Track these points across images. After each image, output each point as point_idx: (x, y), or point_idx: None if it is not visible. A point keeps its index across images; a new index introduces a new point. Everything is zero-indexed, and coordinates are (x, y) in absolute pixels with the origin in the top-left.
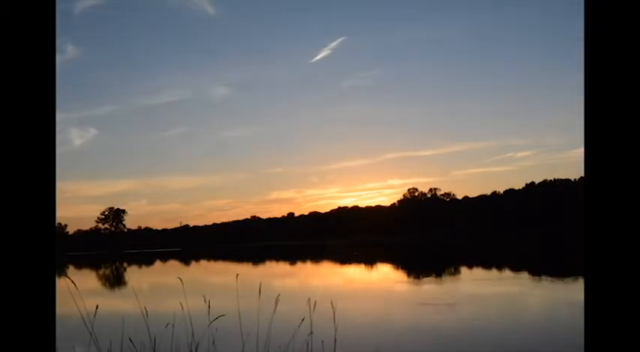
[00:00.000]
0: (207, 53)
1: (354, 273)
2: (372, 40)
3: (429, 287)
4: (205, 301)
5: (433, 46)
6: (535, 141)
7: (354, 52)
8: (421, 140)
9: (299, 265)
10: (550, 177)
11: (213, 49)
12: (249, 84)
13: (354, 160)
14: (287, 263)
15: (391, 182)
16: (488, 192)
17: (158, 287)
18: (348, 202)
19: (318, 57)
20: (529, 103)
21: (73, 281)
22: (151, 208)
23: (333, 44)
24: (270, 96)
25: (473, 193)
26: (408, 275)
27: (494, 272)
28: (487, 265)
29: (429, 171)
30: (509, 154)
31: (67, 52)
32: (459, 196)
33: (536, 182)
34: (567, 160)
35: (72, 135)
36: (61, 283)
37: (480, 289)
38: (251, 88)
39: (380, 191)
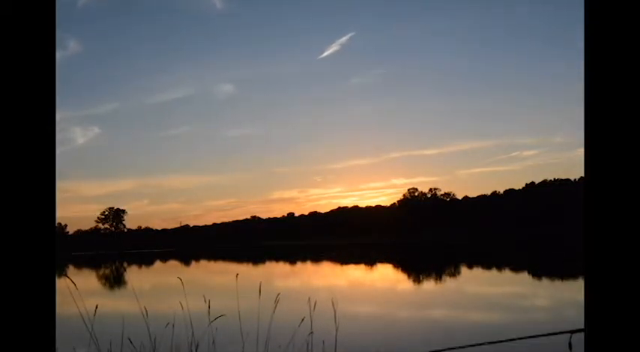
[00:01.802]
0: (213, 49)
1: (354, 273)
2: (382, 36)
3: (429, 287)
4: (205, 301)
5: (442, 42)
6: (543, 140)
7: (363, 48)
8: (427, 138)
9: (299, 265)
10: (558, 176)
11: (220, 45)
12: (255, 81)
13: (359, 159)
14: (287, 263)
15: (395, 181)
16: (491, 192)
17: (158, 287)
18: (351, 202)
19: (326, 53)
20: (539, 100)
21: (73, 281)
22: (152, 208)
23: (342, 40)
24: (276, 94)
25: (478, 193)
26: (409, 275)
27: (494, 272)
28: (487, 265)
29: (433, 170)
30: (516, 153)
31: (68, 48)
32: (459, 196)
33: (542, 181)
34: (575, 159)
35: (75, 134)
36: (61, 283)
37: (480, 289)
38: (257, 86)
39: (383, 190)
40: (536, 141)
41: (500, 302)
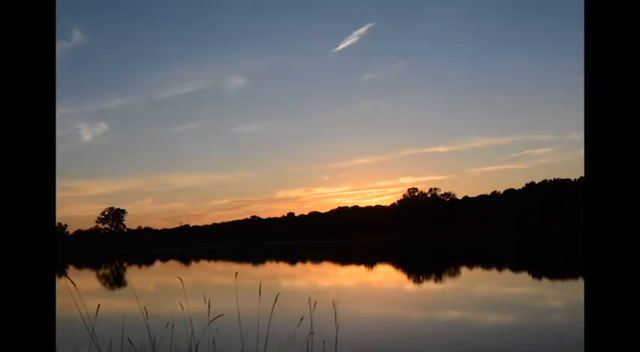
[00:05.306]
0: (225, 40)
1: (354, 273)
2: (402, 27)
3: (429, 287)
4: (205, 301)
5: (460, 36)
6: (558, 137)
7: (382, 40)
8: (439, 136)
9: (299, 265)
10: (572, 175)
11: (233, 36)
12: (267, 74)
13: (369, 157)
14: (287, 263)
15: (402, 180)
16: (491, 192)
17: (158, 287)
18: (355, 201)
19: (344, 45)
20: (554, 97)
21: (72, 282)
22: (156, 207)
23: (361, 31)
24: (289, 89)
25: (486, 192)
26: (408, 275)
27: (494, 272)
28: (487, 265)
29: (443, 168)
30: (529, 151)
31: (72, 38)
32: (459, 196)
33: (542, 181)
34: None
35: (81, 131)
36: (61, 283)
37: (480, 289)
38: (269, 79)
39: (390, 190)
40: (551, 139)
41: (500, 303)
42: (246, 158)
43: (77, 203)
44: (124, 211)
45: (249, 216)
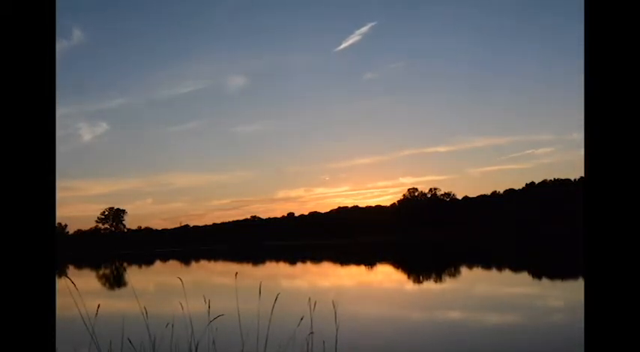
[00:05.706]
0: (226, 39)
1: (354, 273)
2: (404, 26)
3: (429, 287)
4: (205, 301)
5: (463, 35)
6: (558, 137)
7: (384, 39)
8: (439, 135)
9: (299, 265)
10: (573, 175)
11: (231, 35)
12: (268, 74)
13: (369, 157)
14: (287, 263)
15: (402, 180)
16: (491, 192)
17: (158, 287)
18: (354, 201)
19: (345, 44)
20: (555, 97)
21: (72, 282)
22: (156, 207)
23: (363, 30)
24: (289, 89)
25: (486, 192)
26: (408, 275)
27: (494, 272)
28: (487, 265)
29: (444, 168)
30: (529, 151)
31: (72, 38)
32: (459, 196)
33: (542, 181)
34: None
35: (81, 131)
36: (61, 283)
37: (480, 289)
38: (269, 79)
39: (390, 190)
40: (551, 139)
41: (500, 303)
42: (246, 158)
43: (77, 203)
44: (124, 211)
45: (249, 216)
